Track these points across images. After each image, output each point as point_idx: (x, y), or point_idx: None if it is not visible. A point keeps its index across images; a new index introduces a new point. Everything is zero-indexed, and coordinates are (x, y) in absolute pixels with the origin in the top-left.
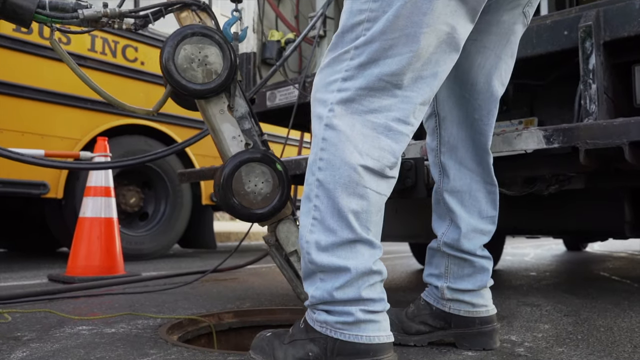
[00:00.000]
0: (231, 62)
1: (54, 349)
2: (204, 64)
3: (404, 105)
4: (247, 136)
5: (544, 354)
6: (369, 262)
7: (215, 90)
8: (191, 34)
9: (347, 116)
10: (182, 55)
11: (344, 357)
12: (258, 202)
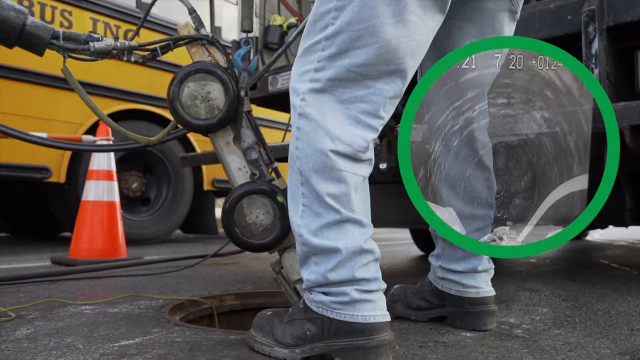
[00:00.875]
0: (232, 97)
1: (58, 327)
2: (206, 100)
3: (375, 97)
4: (254, 167)
5: (542, 336)
6: (359, 241)
7: (217, 125)
8: (194, 72)
9: (319, 105)
10: (186, 92)
11: (340, 336)
12: (259, 233)
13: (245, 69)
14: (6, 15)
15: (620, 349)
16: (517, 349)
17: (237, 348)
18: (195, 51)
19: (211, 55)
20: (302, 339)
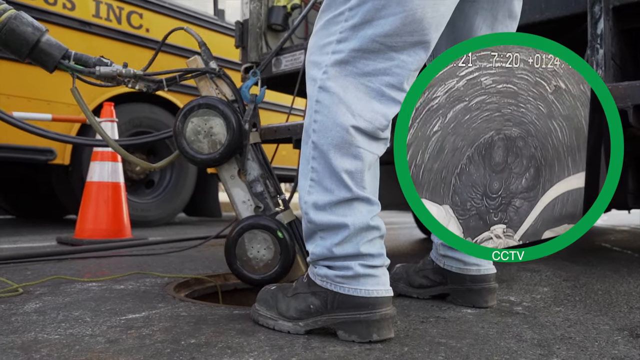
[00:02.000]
0: (235, 132)
1: (65, 302)
2: (209, 135)
3: (399, 70)
4: (259, 199)
5: (542, 313)
6: (367, 218)
7: (219, 160)
8: (197, 107)
9: (341, 78)
10: (189, 128)
11: (343, 310)
12: (260, 267)
13: (253, 101)
14: (24, 30)
15: (619, 325)
16: (517, 324)
17: (241, 322)
18: (203, 84)
19: (219, 88)
20: (305, 312)
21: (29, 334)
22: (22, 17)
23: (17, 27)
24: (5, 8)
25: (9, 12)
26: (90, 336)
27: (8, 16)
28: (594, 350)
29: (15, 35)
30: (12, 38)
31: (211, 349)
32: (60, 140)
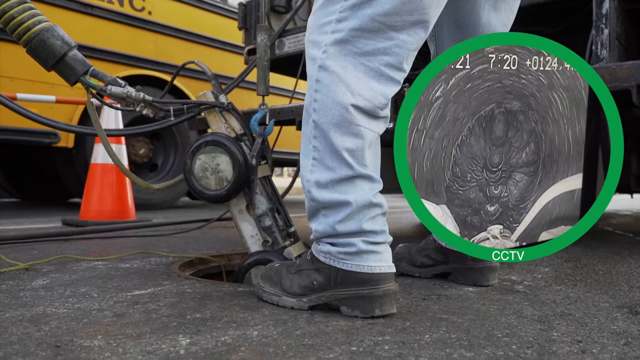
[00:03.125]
0: (241, 169)
1: (72, 279)
2: (216, 172)
3: (398, 49)
4: (267, 233)
5: (542, 291)
6: (369, 195)
7: (226, 197)
8: (204, 144)
9: (341, 58)
10: (197, 165)
11: (346, 285)
12: None
13: (261, 134)
14: (53, 43)
15: (619, 303)
16: (518, 301)
17: (245, 298)
18: (212, 118)
19: (227, 122)
20: (309, 288)
21: (38, 308)
22: (54, 31)
23: (48, 39)
24: (41, 20)
25: (43, 24)
26: (97, 310)
27: (41, 28)
28: (593, 325)
29: (44, 46)
30: (41, 49)
31: (216, 323)
32: (65, 130)
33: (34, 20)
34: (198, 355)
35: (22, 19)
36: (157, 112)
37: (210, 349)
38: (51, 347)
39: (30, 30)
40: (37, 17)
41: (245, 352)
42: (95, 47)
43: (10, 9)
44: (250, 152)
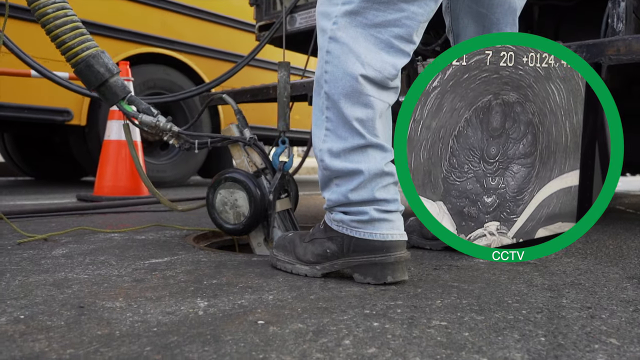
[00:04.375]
0: (258, 205)
1: (90, 249)
2: (234, 207)
3: (409, 21)
4: None
5: (553, 263)
6: (381, 164)
7: (243, 231)
8: (224, 180)
9: (351, 29)
10: (218, 199)
11: (359, 253)
12: None
13: (281, 169)
14: (97, 69)
15: (628, 274)
16: (528, 272)
17: (260, 267)
18: (235, 151)
19: (249, 156)
20: (322, 256)
21: (59, 273)
22: (100, 58)
23: (93, 65)
24: (89, 46)
25: (91, 51)
26: (117, 276)
27: (88, 54)
28: (602, 294)
29: (90, 71)
30: (87, 72)
31: (232, 288)
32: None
33: (83, 47)
34: (216, 315)
35: (72, 45)
36: (183, 143)
37: (228, 310)
38: (75, 307)
39: (78, 55)
40: (85, 44)
41: (262, 314)
42: (109, 26)
43: (63, 34)
44: (269, 187)
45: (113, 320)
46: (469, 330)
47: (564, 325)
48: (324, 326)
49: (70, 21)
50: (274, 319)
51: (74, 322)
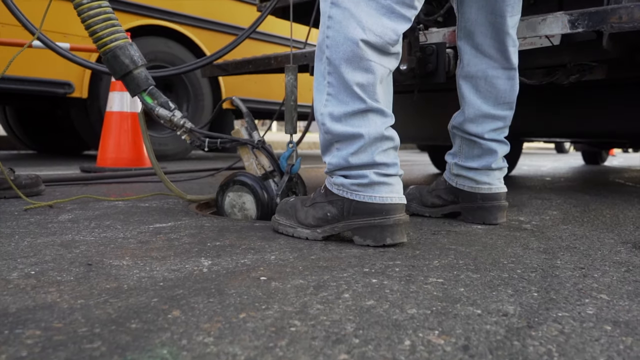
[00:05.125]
0: (265, 207)
1: (95, 215)
2: (243, 210)
3: None
4: None
5: (549, 229)
6: (381, 129)
7: None
8: (233, 183)
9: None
10: (227, 201)
11: (358, 216)
12: None
13: (288, 172)
14: (122, 60)
15: (623, 239)
16: (525, 237)
17: (262, 231)
18: (244, 153)
19: (258, 158)
20: (323, 219)
21: (66, 236)
22: (126, 50)
23: (119, 56)
24: (117, 37)
25: (118, 42)
26: (122, 238)
27: (116, 45)
28: (596, 257)
29: (116, 61)
30: (113, 62)
31: (235, 249)
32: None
33: (112, 38)
34: (220, 272)
35: (102, 35)
36: (194, 140)
37: (231, 268)
38: (83, 265)
39: (106, 45)
40: (114, 35)
41: (264, 271)
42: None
43: (95, 25)
44: (277, 190)
45: (121, 276)
46: (465, 287)
47: (556, 283)
48: (324, 282)
49: (102, 12)
50: (275, 275)
51: (83, 278)
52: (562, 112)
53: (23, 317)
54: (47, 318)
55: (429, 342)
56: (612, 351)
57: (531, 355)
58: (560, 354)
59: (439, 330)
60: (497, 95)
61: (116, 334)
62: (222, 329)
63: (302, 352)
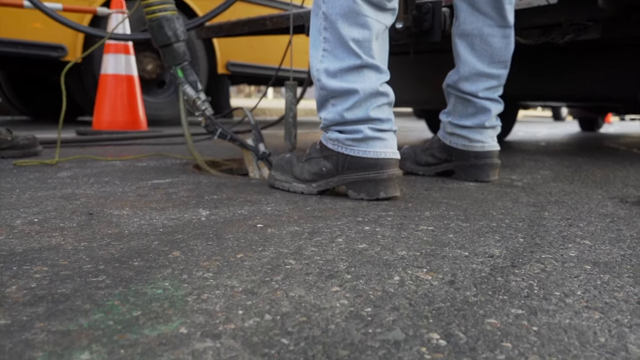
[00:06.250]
0: None
1: (94, 172)
2: None
3: None
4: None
5: (540, 186)
6: (376, 84)
7: None
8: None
9: None
10: None
11: (353, 170)
12: None
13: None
14: (165, 32)
15: (611, 195)
16: (516, 192)
17: (258, 186)
18: (248, 160)
19: (260, 170)
20: (318, 174)
21: (66, 190)
22: (172, 22)
23: (163, 27)
24: (166, 8)
25: (166, 13)
26: (121, 192)
27: (162, 16)
28: (583, 209)
29: (159, 31)
30: (157, 31)
31: (233, 202)
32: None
33: (160, 7)
34: (218, 221)
35: (152, 3)
36: (209, 125)
37: (228, 217)
38: (84, 214)
39: (154, 14)
40: (164, 5)
41: (261, 219)
42: None
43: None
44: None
45: (121, 223)
46: (454, 233)
47: (542, 231)
48: (318, 229)
49: None
50: (272, 223)
51: (85, 225)
52: (558, 74)
53: (30, 257)
54: (53, 257)
55: (417, 278)
56: (589, 285)
57: (513, 288)
58: (540, 288)
59: (427, 268)
60: (492, 54)
61: (120, 270)
62: (220, 267)
63: (296, 285)
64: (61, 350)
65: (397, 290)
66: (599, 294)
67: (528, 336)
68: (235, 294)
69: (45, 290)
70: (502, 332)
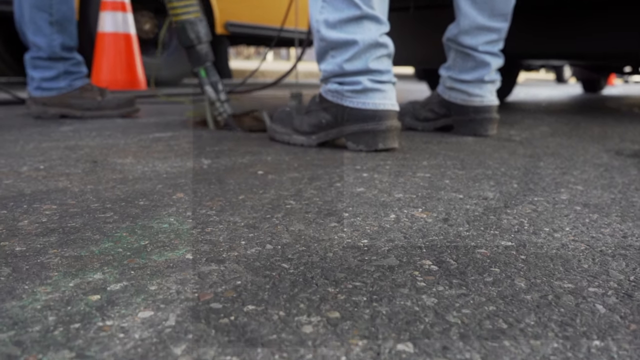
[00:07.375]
0: None
1: (96, 127)
2: None
3: None
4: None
5: (538, 141)
6: (375, 35)
7: None
8: None
9: None
10: None
11: (352, 122)
12: None
13: None
14: (189, 34)
15: (607, 148)
16: (513, 146)
17: (259, 140)
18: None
19: None
20: (317, 126)
21: (70, 142)
22: (195, 25)
23: (187, 29)
24: (190, 11)
25: (190, 16)
26: (124, 144)
27: (186, 19)
28: (578, 160)
29: (183, 33)
30: (181, 33)
31: (234, 152)
32: None
33: (184, 11)
34: (220, 168)
35: (177, 6)
36: (221, 114)
37: (230, 165)
38: (89, 162)
39: (178, 16)
40: (188, 9)
41: (261, 167)
42: None
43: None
44: None
45: (125, 170)
46: (450, 179)
47: (537, 178)
48: (318, 175)
49: None
50: (272, 170)
51: (90, 171)
52: (560, 31)
53: (39, 197)
54: (61, 197)
55: (412, 216)
56: (578, 223)
57: (504, 225)
58: (530, 225)
59: (423, 208)
60: (492, 6)
61: (126, 208)
62: (223, 206)
63: (296, 221)
64: (75, 271)
65: (393, 226)
66: (587, 229)
67: (516, 263)
68: (237, 227)
69: (56, 224)
70: (492, 260)
